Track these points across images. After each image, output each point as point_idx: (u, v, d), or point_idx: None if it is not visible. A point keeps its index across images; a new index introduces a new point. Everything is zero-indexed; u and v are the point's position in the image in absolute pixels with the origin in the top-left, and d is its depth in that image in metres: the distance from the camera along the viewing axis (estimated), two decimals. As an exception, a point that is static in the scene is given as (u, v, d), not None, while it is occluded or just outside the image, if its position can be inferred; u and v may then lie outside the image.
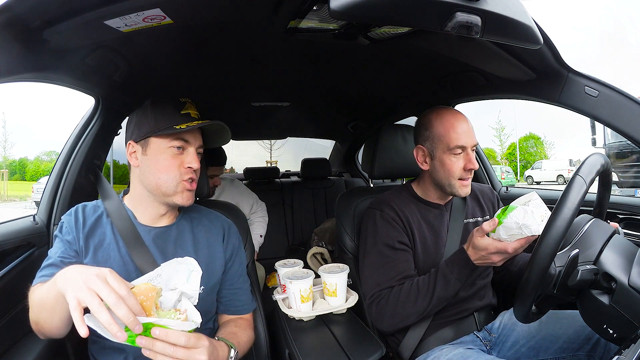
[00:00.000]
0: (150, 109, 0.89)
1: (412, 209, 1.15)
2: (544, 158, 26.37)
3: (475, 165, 1.07)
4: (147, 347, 0.63)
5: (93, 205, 0.94)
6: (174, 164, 0.88)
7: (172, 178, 0.88)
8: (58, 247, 0.86)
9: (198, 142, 0.92)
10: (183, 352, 0.66)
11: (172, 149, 0.88)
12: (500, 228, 0.86)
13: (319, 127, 2.87)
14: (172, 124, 0.87)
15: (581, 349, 0.94)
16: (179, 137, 0.88)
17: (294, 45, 1.12)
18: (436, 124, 1.10)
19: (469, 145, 1.07)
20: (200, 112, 0.93)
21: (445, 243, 1.13)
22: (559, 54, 0.94)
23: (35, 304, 0.75)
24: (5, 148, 27.69)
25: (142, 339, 0.63)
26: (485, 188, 1.30)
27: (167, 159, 0.88)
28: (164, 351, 0.64)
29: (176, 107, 0.89)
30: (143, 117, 0.89)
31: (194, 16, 0.82)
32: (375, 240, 1.12)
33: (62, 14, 0.70)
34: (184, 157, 0.89)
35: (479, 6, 0.64)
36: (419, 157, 1.16)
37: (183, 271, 0.71)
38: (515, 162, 26.03)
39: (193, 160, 0.89)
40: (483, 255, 0.90)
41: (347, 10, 0.60)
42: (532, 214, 0.81)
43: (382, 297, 1.06)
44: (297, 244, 2.70)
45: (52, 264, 0.82)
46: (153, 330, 0.62)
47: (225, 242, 1.00)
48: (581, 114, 0.99)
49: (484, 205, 1.24)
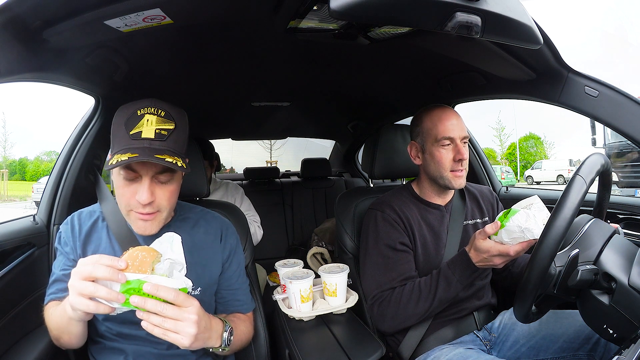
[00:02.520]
0: (112, 124, 0.80)
1: (412, 209, 1.16)
2: (544, 158, 26.39)
3: (464, 155, 1.08)
4: (139, 305, 0.65)
5: (89, 210, 0.94)
6: (125, 193, 0.79)
7: (123, 207, 0.82)
8: (59, 260, 0.89)
9: (153, 170, 0.77)
10: (172, 310, 0.67)
11: (121, 177, 0.78)
12: (503, 231, 0.86)
13: (319, 127, 2.87)
14: (119, 149, 0.75)
15: (581, 349, 0.94)
16: (127, 166, 0.76)
17: (294, 45, 1.12)
18: (425, 119, 1.14)
19: (456, 136, 1.09)
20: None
21: (445, 244, 1.13)
22: (559, 54, 0.94)
23: (53, 327, 0.81)
24: (5, 148, 27.74)
25: (135, 298, 0.64)
26: (485, 189, 1.31)
27: (119, 187, 0.79)
28: (155, 308, 0.66)
29: (127, 126, 0.76)
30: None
31: (194, 16, 0.82)
32: (376, 241, 1.12)
33: (62, 14, 0.70)
34: (136, 186, 0.78)
35: (479, 6, 0.65)
36: (412, 152, 1.20)
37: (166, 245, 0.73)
38: (515, 162, 26.04)
39: (142, 193, 0.76)
40: (485, 257, 0.91)
41: (347, 10, 0.60)
42: (534, 218, 0.82)
43: (384, 299, 1.06)
44: (297, 244, 2.70)
45: (56, 279, 0.86)
46: (145, 286, 0.65)
47: (223, 243, 0.99)
48: (581, 114, 0.99)
49: (483, 206, 1.25)
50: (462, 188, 1.18)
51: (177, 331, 0.68)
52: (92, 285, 0.64)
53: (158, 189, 0.80)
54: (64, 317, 0.74)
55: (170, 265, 0.71)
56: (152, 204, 0.79)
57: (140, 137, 0.75)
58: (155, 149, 0.75)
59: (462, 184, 1.12)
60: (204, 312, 0.75)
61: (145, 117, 0.76)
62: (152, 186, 0.78)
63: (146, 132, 0.76)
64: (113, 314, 0.68)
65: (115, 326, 0.85)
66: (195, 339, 0.70)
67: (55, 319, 0.79)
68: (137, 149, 0.74)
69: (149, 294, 0.65)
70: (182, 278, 0.71)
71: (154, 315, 0.67)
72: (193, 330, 0.69)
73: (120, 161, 0.71)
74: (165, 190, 0.81)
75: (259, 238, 2.03)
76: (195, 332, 0.69)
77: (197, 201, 1.17)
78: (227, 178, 2.99)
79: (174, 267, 0.72)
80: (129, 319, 0.84)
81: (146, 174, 0.77)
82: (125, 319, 0.84)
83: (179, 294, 0.68)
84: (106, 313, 0.66)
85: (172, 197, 0.84)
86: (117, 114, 0.80)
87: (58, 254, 0.89)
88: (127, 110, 0.78)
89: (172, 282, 0.68)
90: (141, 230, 0.83)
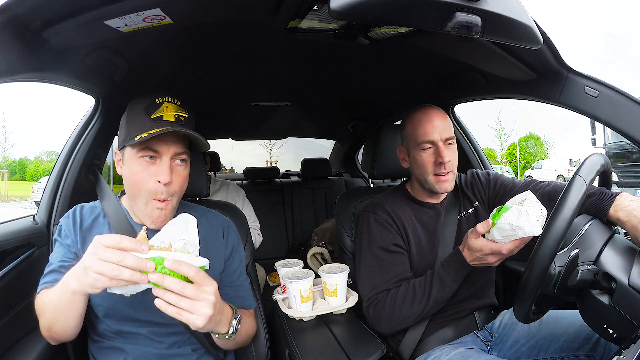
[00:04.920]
0: (126, 114, 0.85)
1: (406, 210, 1.15)
2: (544, 158, 26.38)
3: (444, 158, 1.05)
4: (158, 282, 0.64)
5: (90, 206, 0.94)
6: (144, 178, 0.81)
7: (142, 196, 0.82)
8: (58, 251, 0.86)
9: (173, 149, 0.82)
10: (192, 289, 0.66)
11: (142, 159, 0.81)
12: (494, 229, 0.85)
13: (319, 127, 2.87)
14: (139, 131, 0.79)
15: (581, 349, 0.94)
16: (147, 147, 0.80)
17: (294, 45, 1.12)
18: (408, 122, 1.13)
19: (437, 139, 1.07)
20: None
21: (439, 242, 1.13)
22: (559, 54, 0.94)
23: (47, 309, 0.76)
24: (5, 148, 27.72)
25: (153, 275, 0.64)
26: (467, 174, 1.25)
27: (138, 172, 0.81)
28: (173, 287, 0.65)
29: (147, 111, 0.81)
30: (122, 123, 0.86)
31: (194, 16, 0.82)
32: (369, 243, 1.12)
33: (62, 14, 0.70)
34: (155, 168, 0.81)
35: (479, 6, 0.64)
36: (400, 156, 1.20)
37: (181, 226, 0.73)
38: (515, 162, 26.01)
39: (161, 172, 0.80)
40: (478, 256, 0.90)
41: (347, 10, 0.60)
42: (527, 215, 0.80)
43: (379, 301, 1.06)
44: (297, 244, 2.70)
45: (53, 270, 0.84)
46: (166, 262, 0.64)
47: (225, 240, 0.99)
48: (581, 114, 0.99)
49: (468, 193, 1.19)
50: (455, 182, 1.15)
51: (193, 311, 0.67)
52: (120, 253, 0.62)
53: (174, 173, 0.84)
54: (65, 293, 0.70)
55: (184, 245, 0.71)
56: (169, 188, 0.82)
57: (162, 120, 0.81)
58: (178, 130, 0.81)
59: (448, 188, 1.09)
60: (219, 298, 0.75)
61: (164, 104, 0.82)
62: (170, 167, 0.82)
63: (167, 117, 0.81)
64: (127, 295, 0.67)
65: (115, 324, 0.85)
66: (209, 320, 0.69)
67: (53, 300, 0.74)
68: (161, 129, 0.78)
69: (171, 269, 0.64)
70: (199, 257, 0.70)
71: (170, 293, 0.65)
72: (209, 311, 0.68)
73: (150, 134, 0.76)
74: (179, 175, 0.85)
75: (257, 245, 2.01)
76: (210, 314, 0.68)
77: (197, 201, 1.17)
78: (227, 178, 2.99)
79: (188, 248, 0.71)
80: (130, 316, 0.84)
81: (167, 153, 0.81)
82: (126, 316, 0.84)
83: (200, 272, 0.68)
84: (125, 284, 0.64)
85: (183, 184, 0.88)
86: (131, 105, 0.84)
87: (57, 245, 0.87)
88: (143, 100, 0.83)
89: (193, 259, 0.67)
90: (155, 221, 0.84)
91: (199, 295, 0.67)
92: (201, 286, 0.68)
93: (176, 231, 0.72)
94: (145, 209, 0.84)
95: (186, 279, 0.67)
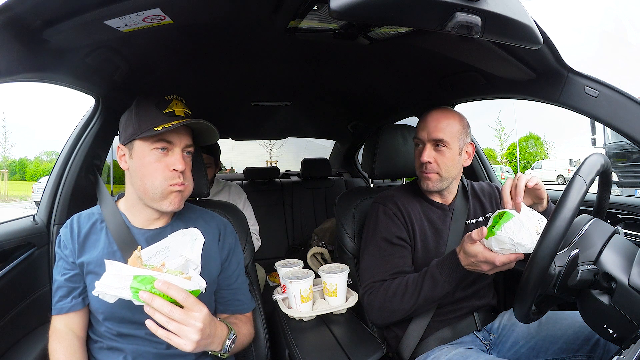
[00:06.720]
0: (135, 110, 0.87)
1: (415, 206, 1.17)
2: (544, 158, 26.39)
3: (423, 158, 1.10)
4: (147, 301, 0.65)
5: (87, 213, 0.95)
6: (158, 168, 0.85)
7: (157, 185, 0.85)
8: (58, 266, 0.89)
9: (184, 141, 0.88)
10: (179, 314, 0.67)
11: (155, 150, 0.85)
12: (493, 239, 0.83)
13: (319, 127, 2.87)
14: (153, 124, 0.83)
15: (581, 350, 0.94)
16: (162, 138, 0.85)
17: (294, 45, 1.12)
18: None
19: (424, 138, 1.11)
20: (200, 112, 0.92)
21: (446, 243, 1.13)
22: (559, 54, 0.94)
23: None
24: (5, 148, 27.73)
25: (144, 293, 0.65)
26: (484, 184, 1.30)
27: (151, 162, 0.85)
28: (162, 308, 0.66)
29: (159, 107, 0.86)
30: (128, 119, 0.88)
31: (194, 16, 0.82)
32: (374, 233, 1.14)
33: (62, 14, 0.70)
34: (168, 159, 0.86)
35: (479, 6, 0.64)
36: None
37: (188, 241, 0.74)
38: (515, 162, 26.02)
39: (177, 162, 0.85)
40: (473, 261, 0.89)
41: (347, 10, 0.60)
42: (528, 230, 0.79)
43: (374, 289, 1.07)
44: (297, 244, 2.70)
45: (59, 286, 0.88)
46: (156, 282, 0.64)
47: (221, 243, 0.99)
48: (581, 114, 0.99)
49: (485, 203, 1.23)
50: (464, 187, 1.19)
51: (180, 335, 0.68)
52: None
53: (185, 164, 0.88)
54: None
55: (185, 263, 0.71)
56: (183, 173, 0.87)
57: (174, 114, 0.86)
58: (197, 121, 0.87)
59: (431, 187, 1.12)
60: (211, 319, 0.75)
61: (173, 101, 0.88)
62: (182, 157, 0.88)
63: (178, 112, 0.87)
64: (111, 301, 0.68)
65: (115, 326, 0.85)
66: (197, 344, 0.70)
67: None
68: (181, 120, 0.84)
69: (160, 291, 0.65)
70: (196, 278, 0.70)
71: (159, 314, 0.67)
72: (196, 337, 0.69)
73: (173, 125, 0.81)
74: (189, 166, 0.91)
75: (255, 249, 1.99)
76: (197, 339, 0.69)
77: (197, 201, 1.17)
78: (227, 178, 2.99)
79: (189, 266, 0.71)
80: (128, 319, 0.84)
81: (179, 144, 0.87)
82: (124, 319, 0.84)
83: (189, 297, 0.68)
84: None
85: (191, 176, 0.93)
86: (139, 101, 0.88)
87: (57, 258, 0.90)
88: (152, 97, 0.87)
89: (185, 282, 0.67)
90: (175, 205, 0.87)
91: (187, 320, 0.68)
92: (190, 311, 0.69)
93: (182, 244, 0.72)
94: (161, 195, 0.86)
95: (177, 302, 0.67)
